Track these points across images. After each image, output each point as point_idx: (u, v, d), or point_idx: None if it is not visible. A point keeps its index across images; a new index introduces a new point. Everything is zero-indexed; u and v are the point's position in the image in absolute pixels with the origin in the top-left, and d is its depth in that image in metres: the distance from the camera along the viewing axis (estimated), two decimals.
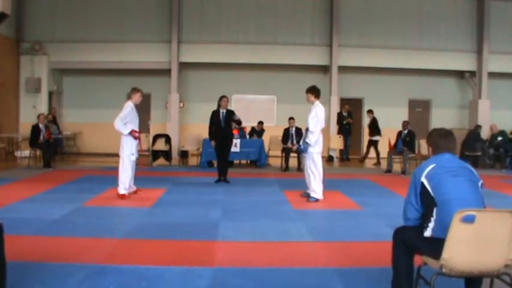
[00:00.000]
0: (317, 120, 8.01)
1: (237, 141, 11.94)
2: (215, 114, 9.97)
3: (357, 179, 11.27)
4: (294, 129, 12.87)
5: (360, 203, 7.90)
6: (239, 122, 10.37)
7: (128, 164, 8.05)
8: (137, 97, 8.30)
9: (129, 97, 8.46)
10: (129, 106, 8.08)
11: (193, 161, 14.04)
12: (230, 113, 10.03)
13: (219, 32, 16.24)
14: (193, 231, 5.84)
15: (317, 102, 8.19)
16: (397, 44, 16.37)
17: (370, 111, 15.60)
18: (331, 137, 15.66)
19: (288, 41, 16.22)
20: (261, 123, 14.71)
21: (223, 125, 9.88)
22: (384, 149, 12.99)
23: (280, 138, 13.45)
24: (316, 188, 8.01)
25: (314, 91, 8.27)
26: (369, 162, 15.46)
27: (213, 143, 9.89)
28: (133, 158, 8.16)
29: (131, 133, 8.00)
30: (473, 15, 16.70)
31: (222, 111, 9.92)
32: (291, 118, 12.95)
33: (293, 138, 12.74)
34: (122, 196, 7.95)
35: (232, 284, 4.05)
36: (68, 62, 16.07)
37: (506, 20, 16.59)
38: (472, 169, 3.42)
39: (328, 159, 15.60)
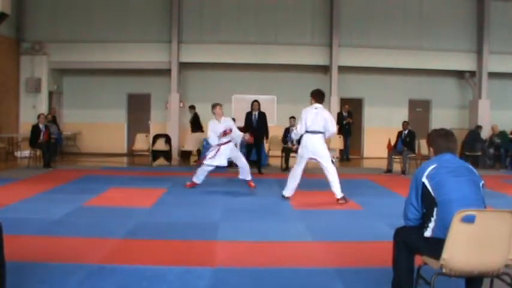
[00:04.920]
0: (300, 121, 7.94)
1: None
2: (249, 116, 11.75)
3: (357, 179, 11.26)
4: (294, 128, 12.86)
5: (360, 203, 7.89)
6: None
7: (206, 167, 8.88)
8: (217, 110, 8.78)
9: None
10: (209, 126, 8.72)
11: (193, 161, 14.03)
12: (262, 115, 11.73)
13: (219, 32, 16.23)
14: (193, 231, 5.84)
15: (315, 105, 7.95)
16: (397, 44, 16.36)
17: (192, 107, 14.90)
18: (331, 137, 15.65)
19: (288, 41, 16.21)
20: None
21: (255, 126, 11.46)
22: (383, 149, 12.98)
23: (280, 138, 13.46)
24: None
25: (313, 95, 8.04)
26: (368, 163, 15.46)
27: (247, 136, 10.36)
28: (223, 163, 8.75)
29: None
30: (473, 15, 16.70)
31: (255, 113, 11.68)
32: (292, 117, 12.95)
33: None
34: (192, 184, 8.99)
35: (232, 284, 4.05)
36: (68, 62, 16.05)
37: (506, 20, 16.58)
38: (473, 169, 3.42)
39: None
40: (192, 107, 14.88)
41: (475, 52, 16.68)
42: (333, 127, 7.89)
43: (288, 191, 8.11)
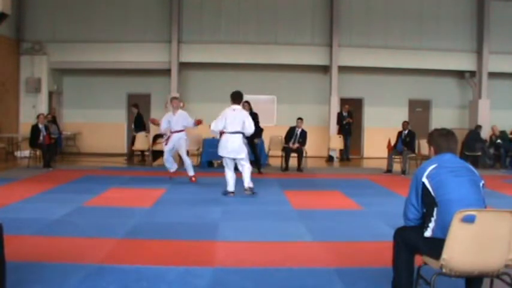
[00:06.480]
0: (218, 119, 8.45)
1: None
2: None
3: (357, 179, 11.27)
4: (300, 130, 12.86)
5: (360, 203, 7.89)
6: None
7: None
8: (172, 104, 9.73)
9: None
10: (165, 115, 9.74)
11: (193, 161, 14.01)
12: (254, 116, 11.24)
13: (219, 32, 16.23)
14: (193, 231, 5.85)
15: (233, 107, 8.62)
16: (397, 44, 16.35)
17: (134, 106, 14.64)
18: (331, 137, 15.66)
19: (288, 41, 16.21)
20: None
21: None
22: (383, 149, 12.99)
23: (280, 138, 13.47)
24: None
25: (231, 97, 8.80)
26: (368, 163, 15.47)
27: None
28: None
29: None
30: (473, 15, 16.69)
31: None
32: (300, 119, 12.92)
33: (296, 138, 12.74)
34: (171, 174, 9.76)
35: (232, 284, 4.05)
36: (68, 62, 16.05)
37: (506, 20, 16.57)
38: (473, 169, 3.42)
39: (328, 159, 15.60)
40: (134, 106, 14.63)
41: (475, 52, 16.67)
42: (250, 128, 8.35)
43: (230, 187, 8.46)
